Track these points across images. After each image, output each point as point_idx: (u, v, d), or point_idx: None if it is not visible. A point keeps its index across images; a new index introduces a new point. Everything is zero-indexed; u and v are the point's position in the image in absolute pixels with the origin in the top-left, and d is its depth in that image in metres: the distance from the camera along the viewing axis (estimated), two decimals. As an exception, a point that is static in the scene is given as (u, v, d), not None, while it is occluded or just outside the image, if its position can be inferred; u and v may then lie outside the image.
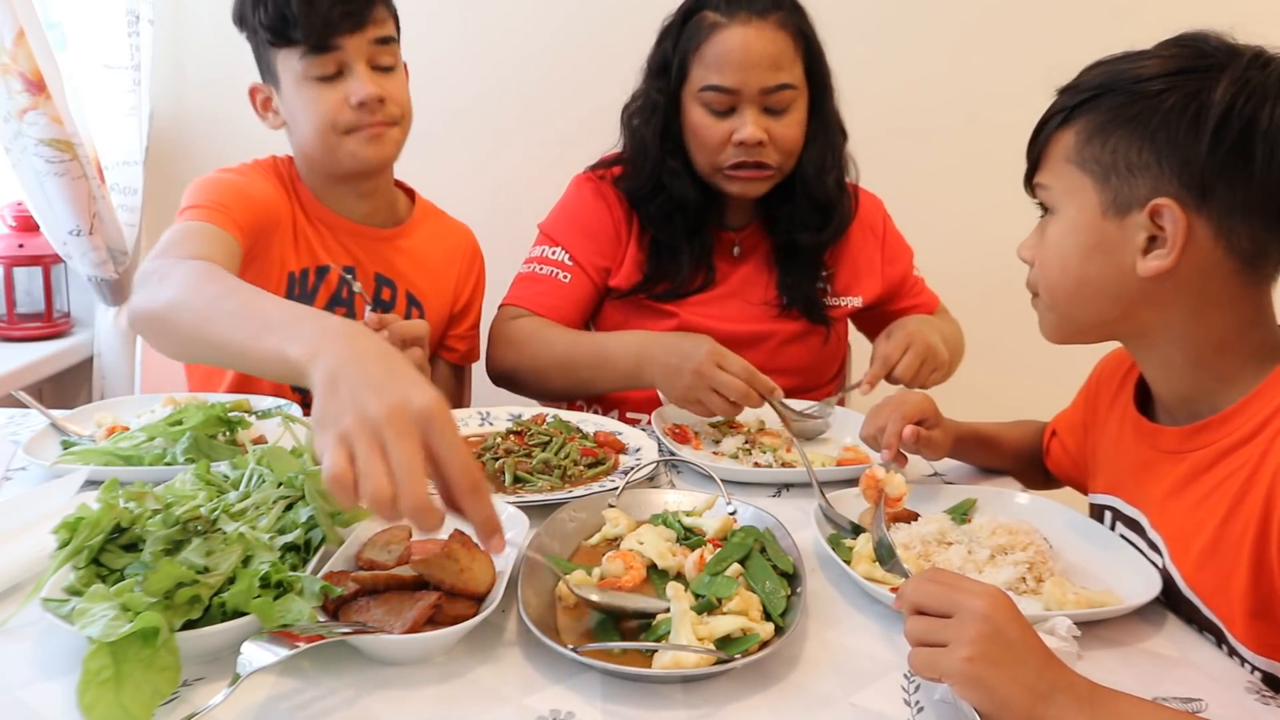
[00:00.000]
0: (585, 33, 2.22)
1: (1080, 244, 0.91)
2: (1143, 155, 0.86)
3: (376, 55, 1.40)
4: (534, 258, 1.61)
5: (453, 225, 1.68)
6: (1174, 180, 0.85)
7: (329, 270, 1.51)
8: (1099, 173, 0.89)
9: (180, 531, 0.83)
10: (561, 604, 0.87)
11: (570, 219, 1.61)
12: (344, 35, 1.36)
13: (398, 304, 1.57)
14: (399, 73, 1.45)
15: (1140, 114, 0.86)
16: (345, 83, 1.39)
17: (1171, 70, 0.86)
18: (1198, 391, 0.92)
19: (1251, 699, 0.78)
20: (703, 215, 1.54)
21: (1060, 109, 0.93)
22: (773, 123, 1.44)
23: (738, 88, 1.42)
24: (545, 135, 2.25)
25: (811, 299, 1.59)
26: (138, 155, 2.09)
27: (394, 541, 0.90)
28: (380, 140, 1.43)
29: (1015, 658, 0.69)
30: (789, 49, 1.44)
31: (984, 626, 0.69)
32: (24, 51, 1.77)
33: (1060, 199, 0.93)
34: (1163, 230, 0.85)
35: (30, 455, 1.16)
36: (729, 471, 1.20)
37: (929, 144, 2.33)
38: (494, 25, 2.27)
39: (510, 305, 1.59)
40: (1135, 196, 0.87)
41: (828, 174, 1.52)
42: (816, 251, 1.59)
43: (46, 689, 0.74)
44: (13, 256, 1.98)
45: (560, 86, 2.25)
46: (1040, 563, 0.95)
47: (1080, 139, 0.90)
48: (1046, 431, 1.23)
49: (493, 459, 1.22)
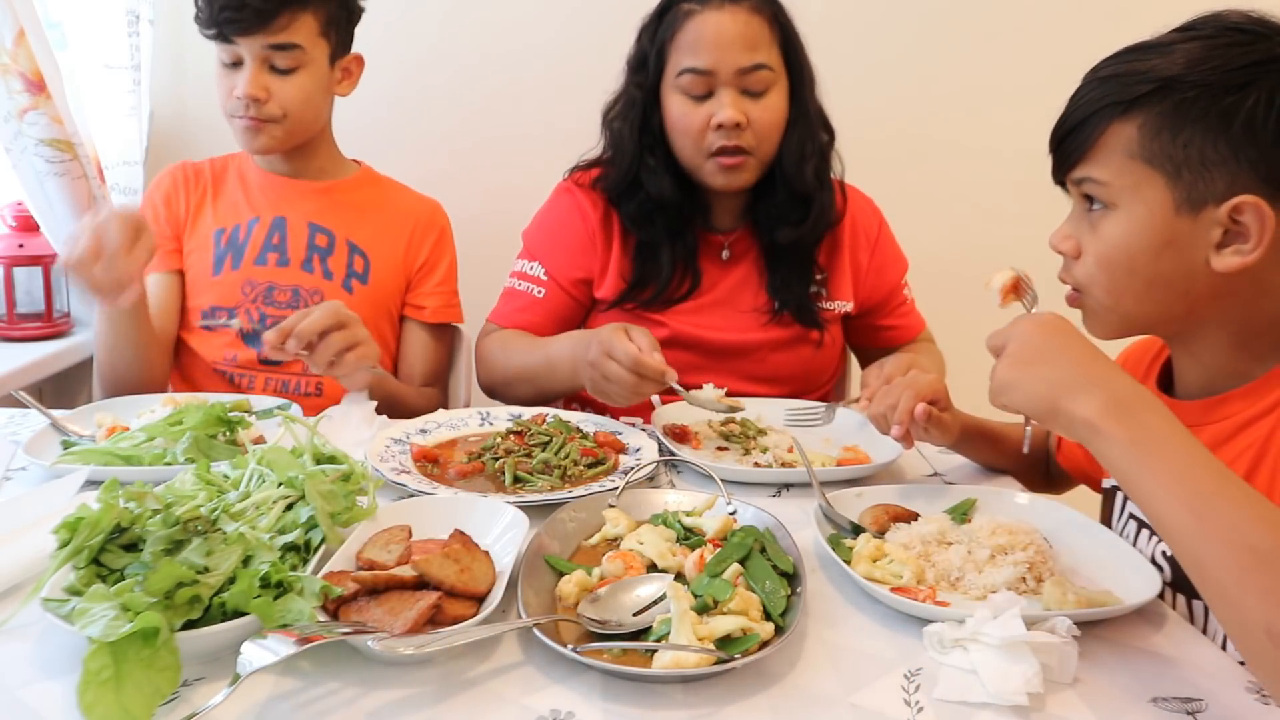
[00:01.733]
0: (584, 31, 2.22)
1: (1150, 243, 0.88)
2: (1219, 150, 0.84)
3: (272, 57, 1.53)
4: (515, 272, 1.63)
5: (412, 195, 1.75)
6: (1252, 176, 0.83)
7: (256, 222, 1.65)
8: (1170, 169, 0.86)
9: (180, 531, 0.83)
10: (561, 604, 0.87)
11: (547, 231, 1.62)
12: (238, 34, 1.50)
13: (337, 250, 1.65)
14: (297, 77, 1.55)
15: (1217, 108, 0.83)
16: (238, 74, 1.54)
17: (1249, 62, 0.84)
18: (1230, 371, 0.92)
19: (1251, 699, 0.78)
20: (684, 215, 1.53)
21: (1114, 100, 0.89)
22: (750, 105, 1.43)
23: (713, 68, 1.42)
24: (544, 134, 2.24)
25: (803, 301, 1.57)
26: (138, 155, 2.09)
27: (394, 541, 0.91)
28: (257, 133, 1.57)
29: (1044, 358, 0.76)
30: (764, 32, 1.44)
31: (1020, 338, 0.78)
32: (24, 51, 1.77)
33: (1122, 195, 0.90)
34: (1239, 224, 0.84)
35: (30, 455, 1.16)
36: (729, 471, 1.20)
37: (928, 143, 2.33)
38: (494, 24, 2.27)
39: (489, 322, 1.63)
40: (1211, 192, 0.85)
41: (806, 163, 1.50)
42: (803, 250, 1.57)
43: (46, 689, 0.74)
44: (13, 256, 1.98)
45: (559, 85, 2.25)
46: (1040, 563, 0.95)
47: (1146, 133, 0.87)
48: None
49: (493, 459, 1.22)
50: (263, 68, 1.53)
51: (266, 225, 1.64)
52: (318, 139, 1.67)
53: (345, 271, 1.65)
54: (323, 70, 1.58)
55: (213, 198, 1.68)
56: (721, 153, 1.45)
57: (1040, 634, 0.78)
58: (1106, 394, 0.76)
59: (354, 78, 1.66)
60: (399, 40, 2.25)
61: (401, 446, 1.26)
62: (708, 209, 1.57)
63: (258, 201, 1.66)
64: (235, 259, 1.63)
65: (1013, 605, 0.81)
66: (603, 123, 1.57)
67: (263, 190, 1.67)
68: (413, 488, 1.11)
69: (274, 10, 1.49)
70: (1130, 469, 0.74)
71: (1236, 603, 0.68)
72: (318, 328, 1.27)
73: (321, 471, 0.97)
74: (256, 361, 1.60)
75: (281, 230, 1.64)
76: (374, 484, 1.00)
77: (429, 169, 1.98)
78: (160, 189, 1.70)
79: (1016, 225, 1.90)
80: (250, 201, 1.67)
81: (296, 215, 1.65)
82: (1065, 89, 0.98)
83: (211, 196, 1.68)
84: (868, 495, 1.12)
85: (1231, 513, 0.70)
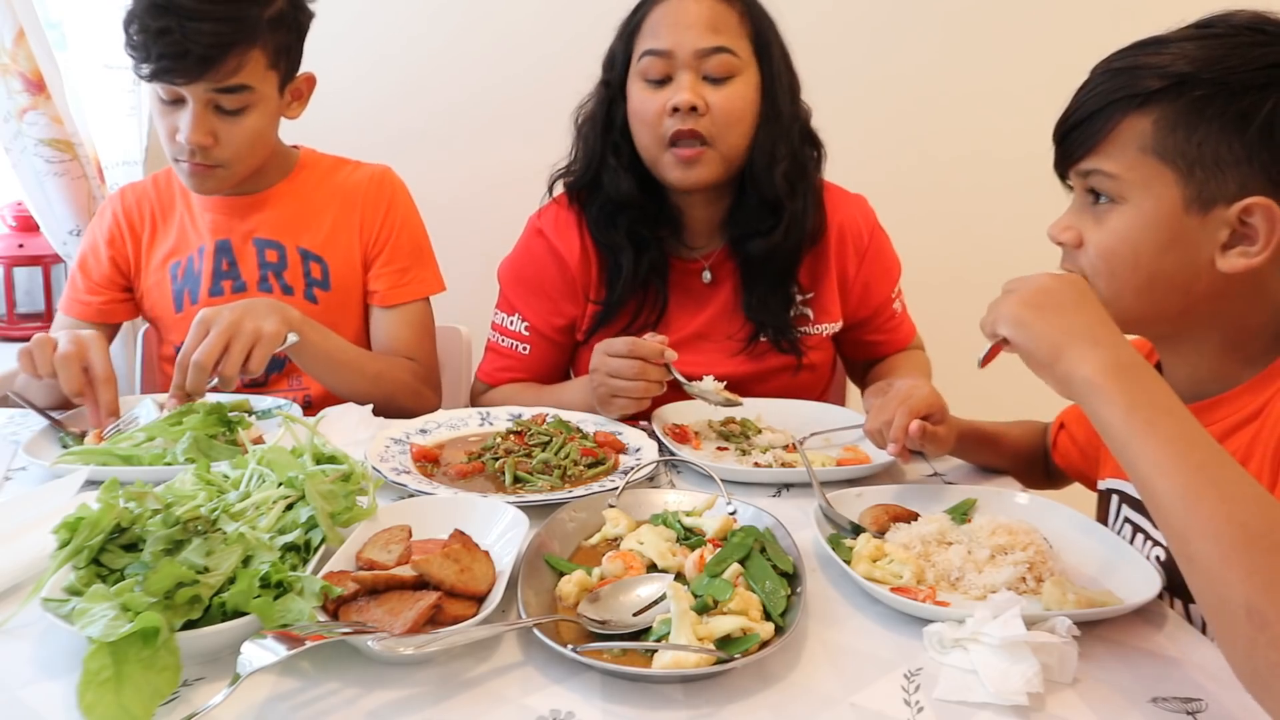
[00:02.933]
0: (592, 29, 2.22)
1: (1157, 239, 0.88)
2: (1233, 150, 0.83)
3: (218, 99, 1.40)
4: (496, 325, 1.60)
5: (357, 171, 1.64)
6: (1264, 178, 0.83)
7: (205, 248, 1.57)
8: (1183, 165, 0.85)
9: (180, 531, 0.83)
10: (561, 604, 0.87)
11: (524, 282, 1.56)
12: (179, 83, 1.37)
13: (290, 262, 1.57)
14: (246, 117, 1.43)
15: (1235, 108, 0.83)
16: (180, 113, 1.41)
17: (1270, 63, 0.83)
18: (1219, 374, 0.92)
19: (1252, 699, 0.78)
20: (648, 219, 1.47)
21: (1129, 94, 0.88)
22: (711, 90, 1.37)
23: (672, 49, 1.37)
24: (547, 129, 2.24)
25: (781, 324, 1.50)
26: (138, 155, 2.09)
27: (394, 541, 0.91)
28: (204, 178, 1.47)
29: (1059, 309, 0.79)
30: (730, 19, 1.38)
31: (1040, 285, 0.81)
32: (24, 51, 1.77)
33: (1131, 189, 0.89)
34: (1246, 226, 0.84)
35: (30, 455, 1.16)
36: (729, 471, 1.20)
37: (927, 141, 2.33)
38: (495, 22, 2.27)
39: (478, 380, 1.61)
40: (1222, 192, 0.84)
41: (776, 166, 1.42)
42: (779, 265, 1.48)
43: (46, 689, 0.74)
44: (13, 256, 1.98)
45: (560, 84, 2.25)
46: (1040, 563, 0.94)
47: (1161, 128, 0.86)
48: (1054, 425, 1.22)
49: (493, 459, 1.22)
50: (207, 109, 1.40)
51: (212, 252, 1.56)
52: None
53: (304, 282, 1.58)
54: (273, 102, 1.47)
55: (162, 224, 1.60)
56: (678, 142, 1.38)
57: (1040, 634, 0.78)
58: (1113, 355, 0.76)
59: (305, 99, 1.56)
60: (397, 35, 2.26)
61: (401, 446, 1.26)
62: (679, 223, 1.50)
63: (201, 226, 1.58)
64: (193, 293, 1.57)
65: (1013, 605, 0.81)
66: (574, 124, 1.53)
67: (205, 210, 1.58)
68: (413, 488, 1.11)
69: (220, 56, 1.35)
70: (1126, 432, 0.74)
71: (1219, 578, 0.67)
72: (209, 364, 1.23)
73: (321, 471, 0.97)
74: (241, 386, 1.55)
75: (228, 254, 1.56)
76: (374, 484, 1.00)
77: (427, 161, 1.98)
78: (103, 225, 1.61)
79: (1014, 228, 1.90)
80: (195, 227, 1.59)
81: (239, 235, 1.57)
82: (1065, 90, 0.98)
83: (162, 222, 1.60)
84: (868, 495, 1.12)
85: (1225, 487, 0.69)
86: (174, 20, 1.32)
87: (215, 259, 1.56)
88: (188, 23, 1.32)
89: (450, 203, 1.79)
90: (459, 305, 1.79)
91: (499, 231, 1.79)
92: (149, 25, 1.33)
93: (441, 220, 1.76)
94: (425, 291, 1.64)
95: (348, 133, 1.76)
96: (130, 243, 1.60)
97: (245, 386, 1.56)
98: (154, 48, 1.33)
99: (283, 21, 1.43)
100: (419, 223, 1.67)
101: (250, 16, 1.37)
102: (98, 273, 1.59)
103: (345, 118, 1.74)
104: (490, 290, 1.65)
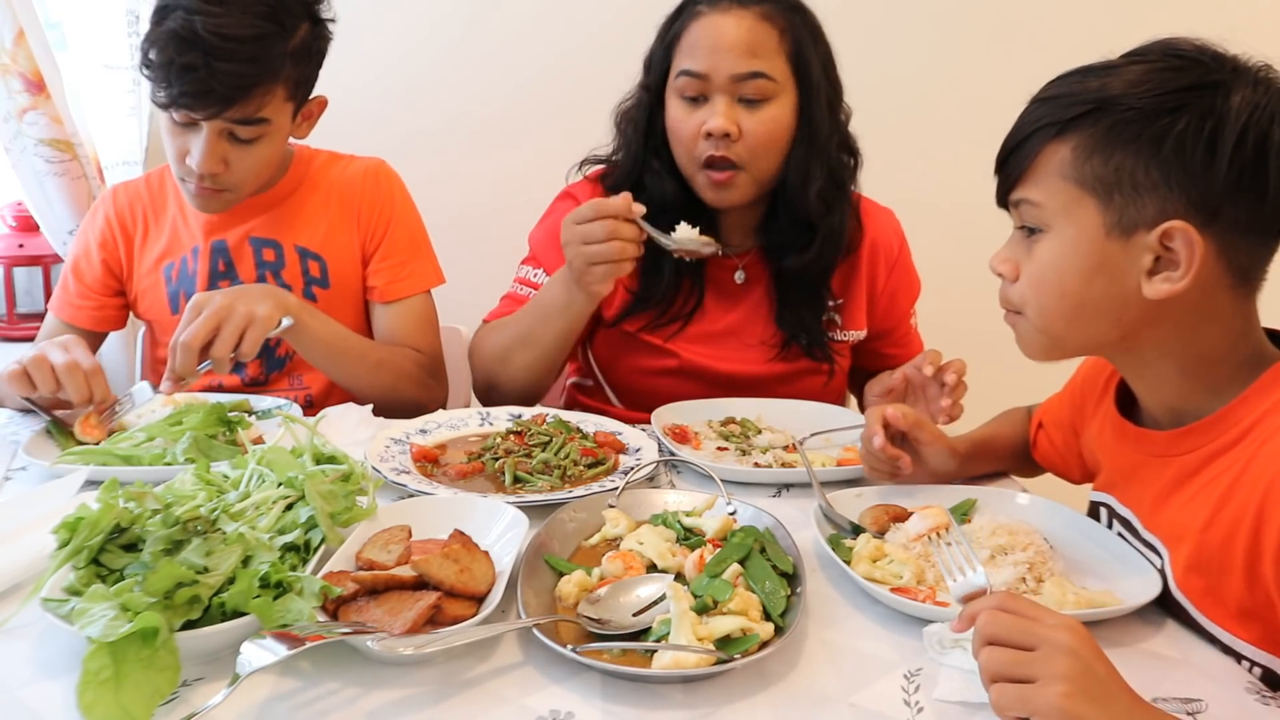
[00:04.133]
0: (592, 31, 2.22)
1: (1081, 266, 0.87)
2: (1150, 174, 0.83)
3: (234, 129, 1.39)
4: (519, 277, 1.58)
5: (352, 165, 1.63)
6: (1182, 200, 0.82)
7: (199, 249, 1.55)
8: (1101, 191, 0.85)
9: (180, 531, 0.83)
10: (561, 604, 0.87)
11: (552, 237, 1.53)
12: (196, 115, 1.35)
13: (288, 261, 1.56)
14: (260, 146, 1.42)
15: (1149, 132, 0.83)
16: (192, 136, 1.39)
17: (1181, 86, 0.83)
18: (1186, 401, 0.91)
19: (1251, 699, 0.78)
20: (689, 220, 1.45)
21: (1050, 121, 0.88)
22: (745, 115, 1.37)
23: (708, 72, 1.36)
24: (550, 132, 2.25)
25: (814, 334, 1.50)
26: (138, 155, 2.09)
27: (394, 541, 0.91)
28: (209, 199, 1.47)
29: (1108, 694, 0.67)
30: (770, 40, 1.37)
31: (1076, 661, 0.66)
32: (24, 51, 1.77)
33: (1054, 217, 0.89)
34: (1170, 251, 0.83)
35: (30, 455, 1.16)
36: (729, 471, 1.20)
37: (925, 140, 2.33)
38: (499, 28, 2.27)
39: (484, 323, 1.57)
40: (1142, 217, 0.84)
41: (809, 186, 1.42)
42: (813, 279, 1.49)
43: (46, 689, 0.74)
44: (13, 256, 1.98)
45: (566, 83, 2.25)
46: (1040, 563, 0.95)
47: (1079, 155, 0.86)
48: (1033, 423, 1.22)
49: (493, 459, 1.22)
50: (221, 138, 1.39)
51: (208, 253, 1.55)
52: None
53: (303, 281, 1.56)
54: (285, 129, 1.47)
55: (155, 225, 1.58)
56: (710, 165, 1.39)
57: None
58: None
59: (314, 120, 1.55)
60: (406, 34, 2.26)
61: (401, 446, 1.26)
62: (715, 222, 1.49)
63: (194, 226, 1.56)
64: (189, 294, 1.51)
65: (1013, 605, 0.81)
66: (614, 120, 1.53)
67: (199, 211, 1.54)
68: (413, 488, 1.11)
69: (243, 96, 1.34)
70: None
71: None
72: (196, 346, 1.22)
73: (321, 471, 0.97)
74: (241, 385, 1.56)
75: (224, 255, 1.55)
76: (374, 484, 1.00)
77: (429, 166, 1.98)
78: (95, 227, 1.59)
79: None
80: (189, 227, 1.56)
81: (236, 235, 1.55)
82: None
83: (154, 223, 1.58)
84: (868, 495, 1.12)
85: None
86: (200, 57, 1.29)
87: (211, 259, 1.55)
88: (215, 62, 1.29)
89: (452, 206, 1.79)
90: (459, 305, 1.79)
91: (501, 234, 1.80)
92: (172, 57, 1.30)
93: (444, 223, 1.75)
94: (425, 285, 1.63)
95: (350, 138, 1.76)
96: (123, 244, 1.58)
97: (246, 386, 1.56)
98: (175, 81, 1.31)
99: (305, 52, 1.42)
100: (416, 215, 1.66)
101: (276, 54, 1.36)
102: (90, 276, 1.58)
103: (347, 123, 1.74)
104: (491, 291, 1.65)
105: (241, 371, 1.56)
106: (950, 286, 1.80)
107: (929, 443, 1.15)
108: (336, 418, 1.32)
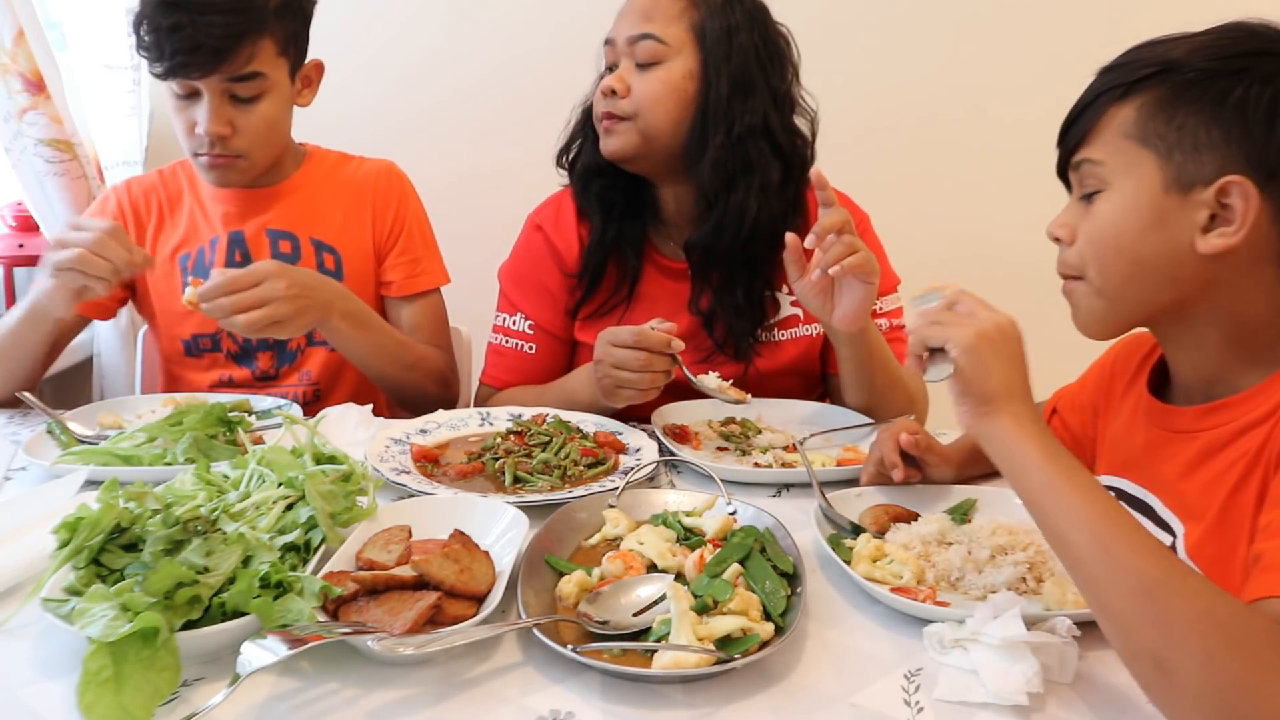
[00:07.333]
0: (586, 27, 2.22)
1: (1138, 221, 0.89)
2: (1211, 133, 0.85)
3: (233, 88, 1.43)
4: (499, 326, 1.58)
5: (365, 164, 1.68)
6: (1241, 159, 0.84)
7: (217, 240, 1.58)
8: (1162, 149, 0.88)
9: (180, 531, 0.83)
10: (561, 604, 0.87)
11: (525, 277, 1.57)
12: (195, 77, 1.39)
13: (304, 254, 1.59)
14: (261, 104, 1.46)
15: (1211, 92, 0.85)
16: (196, 106, 1.43)
17: (1245, 51, 0.86)
18: (1224, 373, 0.92)
19: (1251, 699, 0.78)
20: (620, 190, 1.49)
21: (1115, 84, 0.91)
22: (638, 76, 1.41)
23: (613, 36, 1.43)
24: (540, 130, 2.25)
25: (737, 327, 1.48)
26: (138, 155, 2.09)
27: (394, 541, 0.91)
28: (225, 170, 1.49)
29: (1010, 358, 0.82)
30: (671, 8, 1.40)
31: (999, 324, 0.83)
32: (24, 51, 1.77)
33: (1116, 175, 0.91)
34: (1227, 208, 0.85)
35: (30, 455, 1.16)
36: (729, 471, 1.20)
37: (923, 138, 2.33)
38: (489, 18, 2.27)
39: (484, 385, 1.60)
40: (1201, 174, 0.86)
41: (705, 154, 1.40)
42: (720, 261, 1.45)
43: (46, 689, 0.74)
44: (13, 256, 1.98)
45: (556, 79, 2.24)
46: (1040, 563, 0.95)
47: (1143, 114, 0.89)
48: (1046, 409, 1.22)
49: (493, 459, 1.22)
50: (224, 100, 1.43)
51: (225, 244, 1.57)
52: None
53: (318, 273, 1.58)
54: (285, 89, 1.50)
55: (170, 216, 1.61)
56: (604, 121, 1.44)
57: (1040, 634, 0.78)
58: (1033, 411, 0.82)
59: (314, 85, 1.58)
60: (392, 30, 2.26)
61: (401, 446, 1.26)
62: (659, 214, 1.52)
63: (214, 217, 1.59)
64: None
65: (1013, 605, 0.81)
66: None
67: (216, 202, 1.59)
68: (413, 488, 1.11)
69: (233, 46, 1.38)
70: (1043, 482, 0.78)
71: (1130, 628, 0.70)
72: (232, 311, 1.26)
73: (321, 471, 0.97)
74: (251, 379, 1.57)
75: (241, 246, 1.57)
76: (374, 484, 1.00)
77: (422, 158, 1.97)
78: (106, 213, 1.60)
79: (1011, 230, 1.89)
80: (207, 218, 1.59)
81: (253, 226, 1.58)
82: (1068, 87, 0.98)
83: (169, 214, 1.61)
84: (868, 495, 1.12)
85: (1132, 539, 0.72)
86: (184, 16, 1.34)
87: (229, 250, 1.57)
88: (199, 16, 1.34)
89: (447, 200, 1.79)
90: (459, 305, 1.79)
91: (498, 230, 1.79)
92: (160, 23, 1.35)
93: (439, 218, 1.75)
94: (436, 282, 1.67)
95: (341, 131, 1.76)
96: (134, 233, 1.60)
97: (255, 379, 1.58)
98: (167, 45, 1.36)
99: (289, 8, 1.46)
100: (425, 215, 1.70)
101: (257, 5, 1.40)
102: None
103: (339, 115, 1.74)
104: (488, 289, 1.65)
105: (253, 365, 1.57)
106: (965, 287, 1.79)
107: (935, 464, 1.17)
108: (336, 418, 1.32)
